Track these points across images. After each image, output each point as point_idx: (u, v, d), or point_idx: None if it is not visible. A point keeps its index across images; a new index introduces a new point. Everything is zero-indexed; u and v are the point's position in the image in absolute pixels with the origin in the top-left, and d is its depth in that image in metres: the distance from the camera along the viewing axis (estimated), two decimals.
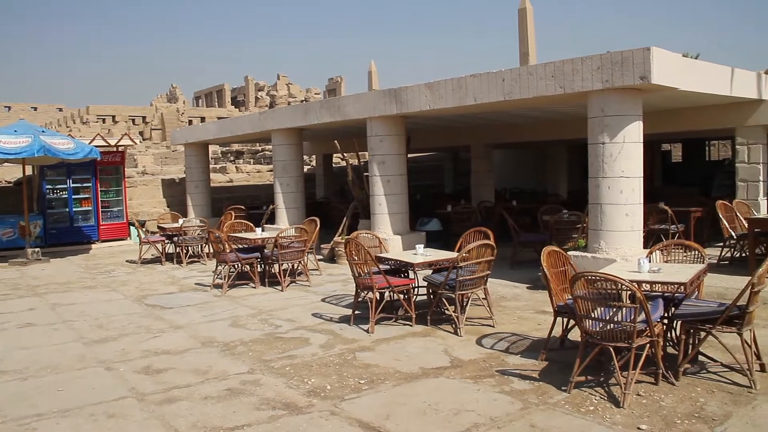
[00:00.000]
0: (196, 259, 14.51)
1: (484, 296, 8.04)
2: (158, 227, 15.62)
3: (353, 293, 8.40)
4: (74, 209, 17.32)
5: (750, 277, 5.38)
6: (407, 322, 7.97)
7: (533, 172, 24.77)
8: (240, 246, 11.49)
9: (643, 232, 10.28)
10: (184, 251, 14.18)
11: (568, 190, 22.04)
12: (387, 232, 12.34)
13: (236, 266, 11.02)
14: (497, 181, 23.30)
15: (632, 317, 5.15)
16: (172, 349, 7.28)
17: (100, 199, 17.64)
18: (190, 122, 55.67)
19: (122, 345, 7.53)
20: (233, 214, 15.42)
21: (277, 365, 6.57)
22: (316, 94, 79.31)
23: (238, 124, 17.87)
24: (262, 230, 12.33)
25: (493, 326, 7.72)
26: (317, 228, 11.78)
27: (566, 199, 18.87)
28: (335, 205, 18.50)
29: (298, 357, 6.83)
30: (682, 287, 5.66)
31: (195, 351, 7.21)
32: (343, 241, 9.63)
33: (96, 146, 15.66)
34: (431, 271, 8.33)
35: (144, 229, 15.66)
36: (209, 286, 11.05)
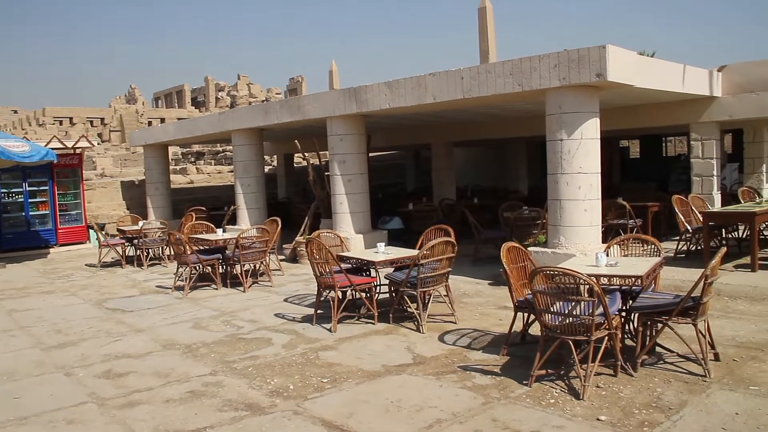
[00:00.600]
0: (157, 262, 14.36)
1: (445, 293, 8.09)
2: (118, 230, 15.44)
3: (315, 293, 8.39)
4: (31, 213, 17.00)
5: (704, 269, 5.50)
6: (370, 321, 7.98)
7: (494, 169, 24.98)
8: (201, 247, 11.39)
9: (602, 227, 10.44)
10: (145, 254, 14.01)
11: (528, 187, 22.28)
12: (349, 231, 12.34)
13: (197, 268, 10.93)
14: (459, 178, 23.44)
15: (590, 311, 5.23)
16: (133, 353, 7.20)
17: (57, 203, 17.32)
18: (150, 123, 54.94)
19: (82, 350, 7.42)
20: (194, 215, 15.29)
21: (240, 366, 6.53)
22: (277, 94, 78.83)
23: (197, 124, 17.71)
24: (223, 231, 12.25)
25: (455, 322, 7.77)
26: (278, 228, 11.73)
27: (527, 196, 19.07)
28: (297, 205, 18.45)
29: (261, 357, 6.80)
30: (639, 280, 5.76)
31: (156, 354, 7.14)
32: (305, 240, 9.62)
33: (52, 149, 15.36)
34: (393, 269, 8.36)
35: (103, 232, 15.45)
36: (170, 288, 10.95)
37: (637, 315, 5.94)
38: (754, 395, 5.15)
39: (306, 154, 15.79)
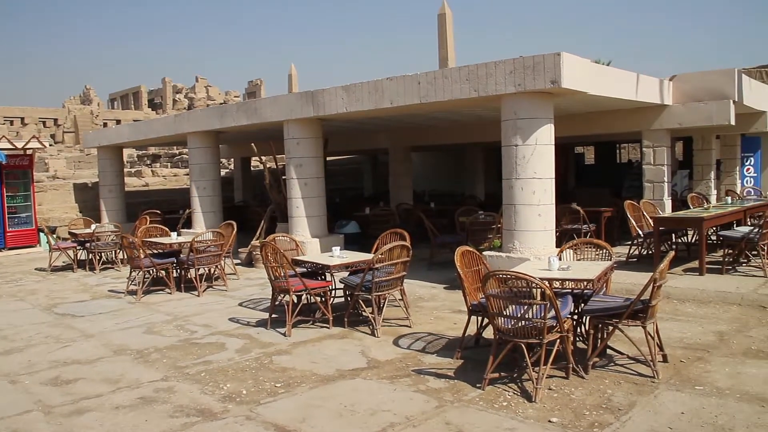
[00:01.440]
0: (109, 266, 14.12)
1: (401, 297, 8.11)
2: (69, 233, 15.15)
3: (270, 297, 8.34)
4: None
5: (653, 273, 5.61)
6: (325, 325, 7.96)
7: (452, 174, 25.15)
8: (155, 251, 11.24)
9: (557, 231, 10.58)
10: (97, 258, 13.77)
11: (485, 192, 22.46)
12: (305, 235, 12.29)
13: (151, 272, 10.79)
14: (417, 183, 23.53)
15: (543, 314, 5.29)
16: (83, 359, 7.06)
17: (6, 205, 16.91)
18: (105, 125, 54.00)
19: (28, 356, 7.25)
20: (148, 218, 15.08)
21: (193, 371, 6.46)
22: (235, 96, 78.24)
23: (152, 126, 17.48)
24: (178, 235, 12.11)
25: (410, 326, 7.80)
26: (234, 232, 11.64)
27: (483, 201, 19.21)
28: (254, 208, 18.31)
29: (214, 362, 6.73)
30: (590, 284, 5.85)
31: (107, 360, 7.01)
32: (260, 244, 9.53)
33: (1, 149, 15.03)
34: (348, 273, 8.35)
35: (54, 236, 15.14)
36: (123, 292, 10.78)
37: (588, 318, 6.04)
38: (699, 395, 5.27)
39: (263, 158, 15.70)
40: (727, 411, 4.91)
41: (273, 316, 8.18)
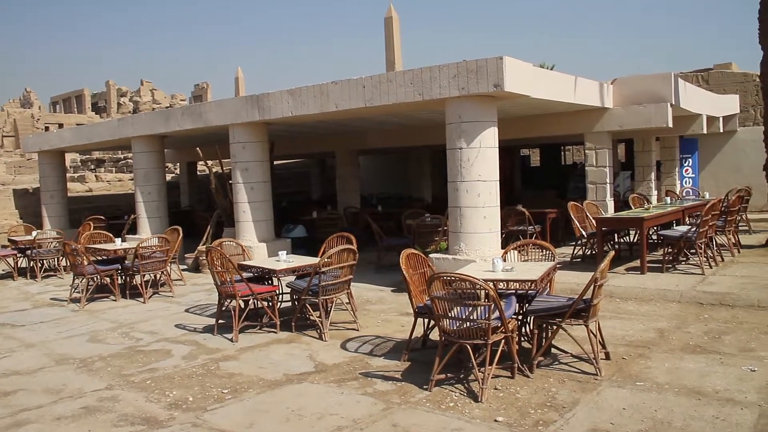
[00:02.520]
0: (52, 273, 13.80)
1: (348, 300, 8.12)
2: (9, 240, 14.75)
3: (217, 302, 8.25)
4: None
5: (593, 273, 5.73)
6: (272, 330, 7.92)
7: (400, 177, 25.25)
8: (99, 258, 11.03)
9: (503, 233, 10.71)
10: (39, 265, 13.44)
11: (432, 195, 22.61)
12: (252, 240, 12.21)
13: (95, 279, 10.58)
14: (365, 186, 23.57)
15: (487, 315, 5.35)
16: (22, 369, 6.87)
17: None
18: (47, 129, 52.73)
19: None
20: (92, 224, 14.78)
21: (138, 379, 6.35)
22: (181, 100, 77.23)
23: (95, 131, 17.13)
24: (122, 241, 11.90)
25: (358, 330, 7.81)
26: (180, 237, 11.49)
27: (431, 203, 19.33)
28: (200, 213, 18.12)
29: (160, 370, 6.64)
30: (533, 284, 5.95)
31: (48, 370, 6.84)
32: (206, 249, 9.44)
33: None
34: (295, 277, 8.33)
35: None
36: (66, 300, 10.55)
37: (532, 318, 6.13)
38: (640, 390, 5.40)
39: (208, 162, 15.54)
40: (666, 405, 5.04)
41: (220, 321, 8.10)
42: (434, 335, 6.54)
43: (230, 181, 13.20)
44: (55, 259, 13.99)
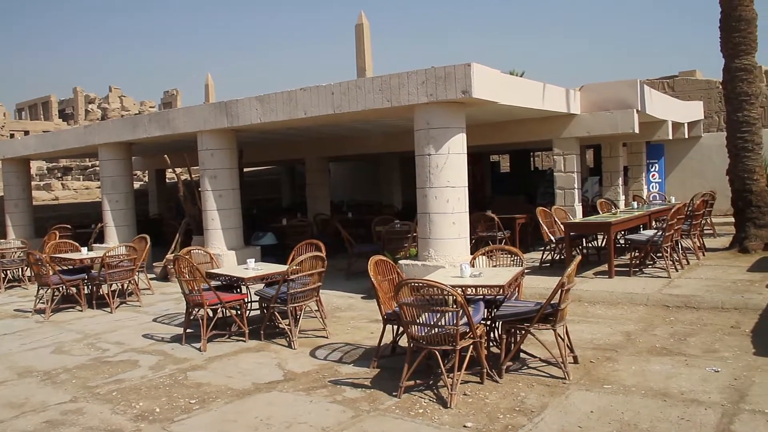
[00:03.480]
0: (16, 284, 13.57)
1: (317, 308, 8.09)
2: None
3: (185, 311, 8.17)
4: None
5: (560, 278, 5.77)
6: (241, 338, 7.86)
7: (370, 183, 25.28)
8: (64, 267, 10.86)
9: (473, 239, 10.75)
10: (2, 276, 13.21)
11: (402, 201, 22.65)
12: (221, 248, 12.12)
13: (60, 289, 10.42)
14: (336, 193, 23.55)
15: (455, 321, 5.36)
16: None
17: None
18: (12, 136, 51.94)
19: None
20: (58, 233, 14.57)
21: (103, 391, 6.26)
22: (150, 107, 76.52)
23: (61, 138, 16.90)
24: (89, 250, 11.74)
25: (327, 337, 7.78)
26: (148, 246, 11.37)
27: (401, 210, 19.38)
28: (169, 221, 17.94)
29: (126, 381, 6.55)
30: (501, 289, 5.97)
31: (11, 383, 6.70)
32: (173, 258, 9.36)
33: None
34: (264, 285, 8.28)
35: None
36: (31, 311, 10.37)
37: (500, 323, 6.15)
38: (607, 393, 5.45)
39: (176, 170, 15.42)
40: (633, 407, 5.09)
41: (188, 331, 8.03)
42: (404, 342, 6.52)
43: (199, 189, 13.10)
44: (20, 269, 13.76)
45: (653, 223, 12.09)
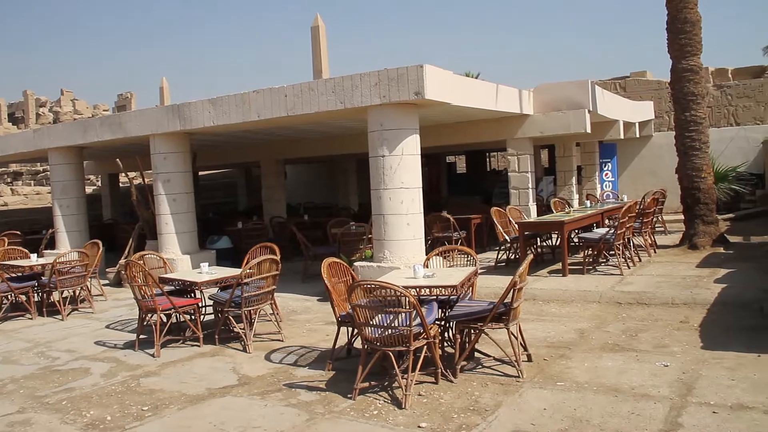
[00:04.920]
0: None
1: (272, 311, 8.05)
2: None
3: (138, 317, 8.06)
4: None
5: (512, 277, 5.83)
6: (195, 343, 7.77)
7: (327, 186, 25.23)
8: (13, 275, 10.62)
9: (429, 239, 10.79)
10: None
11: (359, 202, 22.63)
12: (175, 252, 11.98)
13: (9, 297, 10.18)
14: (292, 196, 23.43)
15: (408, 322, 5.37)
16: None
17: None
18: None
19: None
20: (6, 240, 14.23)
21: (53, 400, 6.13)
22: (104, 110, 74.94)
23: (9, 142, 16.52)
24: (39, 256, 11.49)
25: (283, 340, 7.74)
26: (100, 251, 11.17)
27: (357, 211, 19.35)
28: (122, 226, 17.67)
29: (77, 389, 6.42)
30: (454, 290, 6.00)
31: None
32: (125, 263, 9.21)
33: None
34: (219, 289, 8.21)
35: None
36: None
37: (454, 323, 6.18)
38: (560, 390, 5.51)
39: (129, 174, 15.20)
40: (585, 404, 5.16)
41: (141, 337, 7.91)
42: (359, 344, 6.52)
43: (153, 193, 12.93)
44: None
45: (606, 221, 12.27)
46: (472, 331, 6.13)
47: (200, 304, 8.06)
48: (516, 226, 11.10)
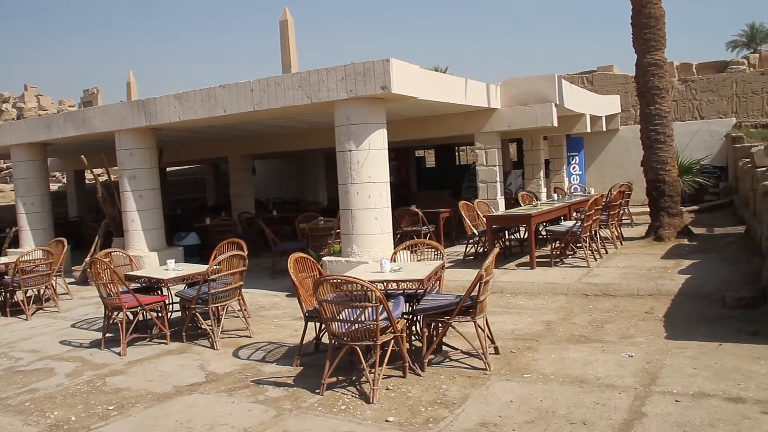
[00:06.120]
0: None
1: (240, 307, 8.00)
2: None
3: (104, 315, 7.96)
4: None
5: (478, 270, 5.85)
6: (162, 341, 7.70)
7: (295, 181, 25.12)
8: None
9: (398, 234, 10.80)
10: None
11: (328, 197, 22.61)
12: (142, 249, 11.86)
13: None
14: (260, 191, 23.30)
15: (375, 316, 5.38)
16: None
17: None
18: None
19: None
20: None
21: (15, 402, 6.03)
22: (70, 106, 73.75)
23: None
24: (2, 255, 11.31)
25: (251, 336, 7.70)
26: (65, 249, 11.01)
27: (326, 206, 19.32)
28: (89, 224, 17.44)
29: (41, 390, 6.32)
30: (420, 283, 6.02)
31: None
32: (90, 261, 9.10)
33: None
34: (186, 285, 8.14)
35: None
36: None
37: (421, 317, 6.20)
38: (527, 382, 5.55)
39: (94, 171, 15.00)
40: (551, 395, 5.21)
41: (108, 335, 7.81)
42: (327, 339, 6.51)
43: (119, 190, 12.78)
44: None
45: (573, 214, 12.38)
46: (440, 324, 6.16)
47: (167, 302, 8.00)
48: (484, 219, 11.15)
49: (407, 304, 6.43)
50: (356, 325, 5.48)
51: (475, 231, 11.34)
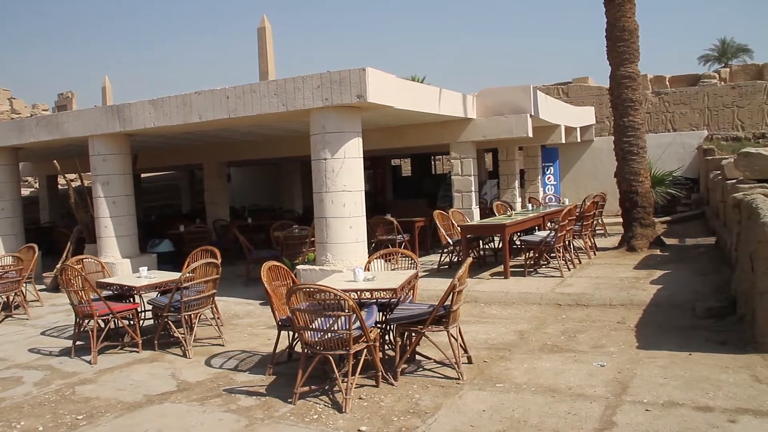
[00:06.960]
0: None
1: (213, 315, 7.94)
2: None
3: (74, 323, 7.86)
4: None
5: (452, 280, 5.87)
6: (134, 349, 7.62)
7: (271, 188, 25.07)
8: None
9: (373, 242, 10.79)
10: None
11: (303, 205, 22.58)
12: (115, 256, 11.74)
13: None
14: (236, 198, 23.21)
15: (347, 325, 5.37)
16: None
17: None
18: None
19: None
20: None
21: None
22: (44, 110, 72.96)
23: None
24: None
25: (224, 345, 7.65)
26: (36, 255, 10.89)
27: (301, 214, 19.29)
28: (61, 230, 17.24)
29: (8, 399, 6.22)
30: (393, 293, 6.02)
31: None
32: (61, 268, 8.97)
33: None
34: (158, 293, 8.07)
35: None
36: None
37: (394, 326, 6.20)
38: (499, 391, 5.57)
39: (67, 176, 14.84)
40: (523, 404, 5.23)
41: (78, 343, 7.71)
42: (300, 348, 6.49)
43: (92, 195, 12.65)
44: None
45: (548, 224, 12.46)
46: (413, 333, 6.15)
47: (139, 309, 7.92)
48: (459, 229, 11.19)
49: (380, 313, 6.42)
50: (329, 334, 5.46)
51: (450, 240, 11.38)
